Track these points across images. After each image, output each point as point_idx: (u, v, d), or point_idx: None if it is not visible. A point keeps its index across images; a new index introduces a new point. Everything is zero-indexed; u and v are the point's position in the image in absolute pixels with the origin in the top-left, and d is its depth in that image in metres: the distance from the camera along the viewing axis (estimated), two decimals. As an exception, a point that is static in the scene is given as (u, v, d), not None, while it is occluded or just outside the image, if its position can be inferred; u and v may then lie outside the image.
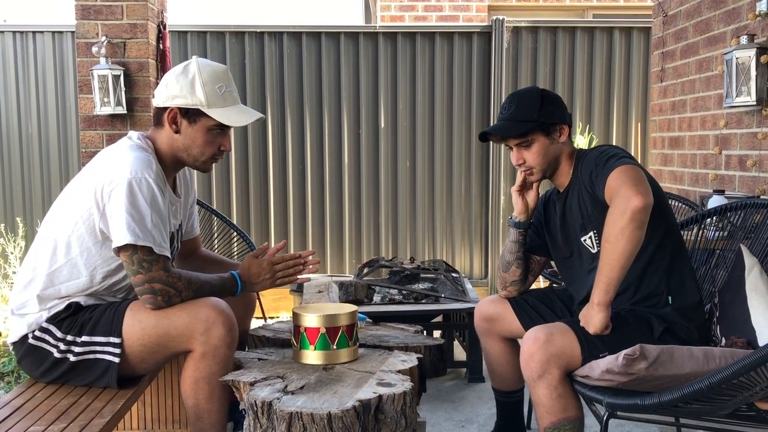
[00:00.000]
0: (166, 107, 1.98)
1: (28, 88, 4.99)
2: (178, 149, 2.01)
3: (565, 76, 5.09)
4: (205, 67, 1.98)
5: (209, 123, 1.98)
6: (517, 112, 2.11)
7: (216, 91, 1.96)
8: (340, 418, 1.51)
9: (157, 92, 2.01)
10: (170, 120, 1.98)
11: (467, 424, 2.84)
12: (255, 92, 4.96)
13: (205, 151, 2.02)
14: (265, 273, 2.11)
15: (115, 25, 3.35)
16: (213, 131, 2.00)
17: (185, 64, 1.99)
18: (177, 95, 1.96)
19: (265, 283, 2.12)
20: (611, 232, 1.84)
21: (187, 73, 1.97)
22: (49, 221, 1.98)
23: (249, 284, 2.11)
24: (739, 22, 3.34)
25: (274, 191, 5.04)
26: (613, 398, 1.78)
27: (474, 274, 5.19)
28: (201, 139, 1.99)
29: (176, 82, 1.96)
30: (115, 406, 1.80)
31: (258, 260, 2.12)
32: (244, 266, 2.12)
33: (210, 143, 2.01)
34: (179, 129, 1.99)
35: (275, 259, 2.13)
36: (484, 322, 2.38)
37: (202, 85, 1.95)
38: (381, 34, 5.01)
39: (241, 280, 2.07)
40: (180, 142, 2.00)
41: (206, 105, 1.95)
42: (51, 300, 1.94)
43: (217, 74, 1.99)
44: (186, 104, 1.96)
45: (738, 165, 3.37)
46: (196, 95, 1.95)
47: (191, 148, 2.00)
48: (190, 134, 1.99)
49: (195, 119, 1.97)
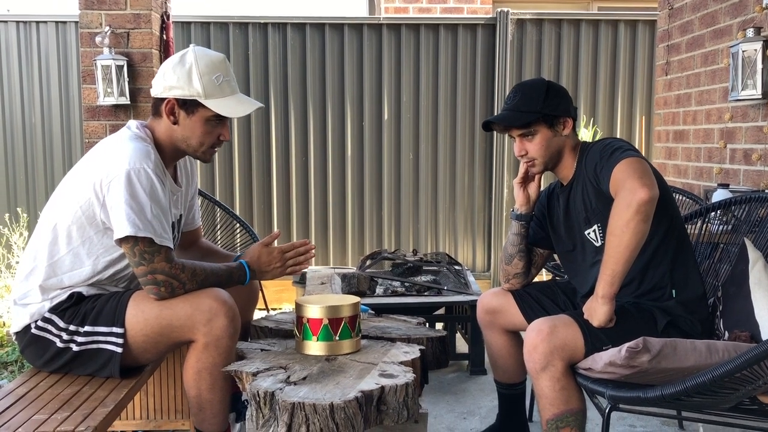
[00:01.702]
0: (164, 98, 1.96)
1: (31, 78, 4.99)
2: (176, 139, 2.00)
3: (569, 69, 5.07)
4: (202, 57, 1.95)
5: (207, 114, 1.96)
6: (521, 102, 2.10)
7: (213, 82, 1.94)
8: (343, 408, 1.51)
9: (154, 82, 1.99)
10: (168, 111, 1.96)
11: (469, 416, 2.84)
12: (258, 83, 4.95)
13: (204, 142, 2.00)
14: (276, 261, 2.10)
15: (119, 15, 3.34)
16: (211, 122, 1.98)
17: (182, 54, 1.97)
18: (174, 86, 1.94)
19: (276, 271, 2.11)
20: (616, 225, 1.83)
21: (183, 63, 1.94)
22: (49, 211, 1.98)
23: (259, 273, 2.10)
24: (746, 15, 3.32)
25: (277, 183, 5.04)
26: (616, 391, 1.78)
27: (477, 266, 5.19)
28: (199, 129, 1.98)
29: (173, 73, 1.94)
30: (117, 395, 1.80)
31: (268, 248, 2.11)
32: (254, 255, 2.10)
33: (208, 134, 2.00)
34: (177, 120, 1.97)
35: (285, 247, 2.12)
36: (486, 314, 2.38)
37: (199, 75, 1.92)
38: (385, 26, 5.00)
39: (250, 268, 2.06)
40: (178, 132, 1.99)
41: (203, 96, 1.93)
42: (53, 290, 1.94)
43: (214, 64, 1.96)
44: (183, 95, 1.94)
45: (743, 159, 3.35)
46: (193, 86, 1.93)
47: (190, 139, 1.99)
48: (189, 125, 1.97)
49: (193, 110, 1.96)
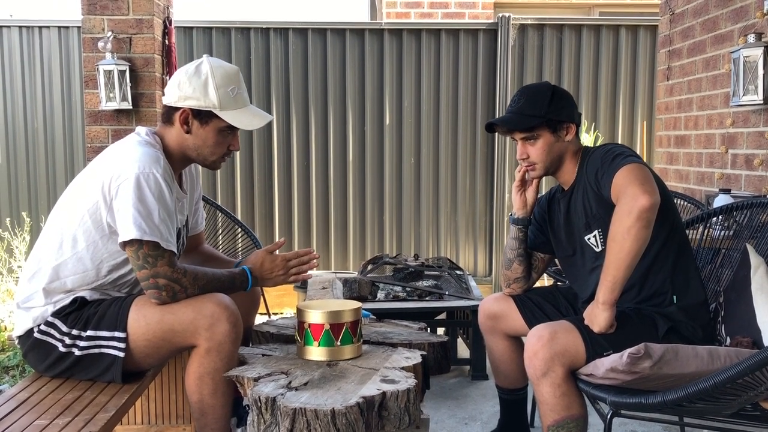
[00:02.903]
0: (178, 107, 1.99)
1: (34, 83, 5.00)
2: (187, 148, 2.03)
3: (571, 74, 5.08)
4: (217, 69, 1.98)
5: (220, 124, 1.99)
6: (526, 105, 2.10)
7: (228, 94, 1.98)
8: (344, 414, 1.51)
9: (167, 90, 2.01)
10: (182, 120, 1.99)
11: (470, 421, 2.84)
12: (260, 88, 4.96)
13: (216, 151, 2.04)
14: (279, 269, 2.12)
15: (121, 21, 3.35)
16: (224, 132, 2.02)
17: (197, 64, 2.00)
18: (190, 96, 1.96)
19: (278, 279, 2.13)
20: (618, 231, 1.83)
21: (199, 74, 1.97)
22: (55, 215, 1.99)
23: (261, 279, 2.11)
24: (747, 21, 3.32)
25: (278, 187, 5.04)
26: (618, 397, 1.77)
27: (478, 271, 5.19)
28: (212, 139, 2.01)
29: (189, 83, 1.96)
30: (119, 400, 1.80)
31: (272, 255, 2.12)
32: (257, 261, 2.11)
33: (220, 144, 2.03)
34: (190, 129, 2.00)
35: (288, 255, 2.14)
36: (488, 319, 2.37)
37: (215, 87, 1.96)
38: (386, 31, 5.01)
39: (252, 275, 2.07)
40: (190, 141, 2.01)
41: (219, 107, 1.97)
42: (56, 294, 1.94)
43: (229, 76, 2.00)
44: (199, 106, 1.97)
45: (744, 164, 3.35)
46: (209, 97, 1.96)
47: (201, 148, 2.02)
48: (201, 135, 2.00)
49: (207, 121, 1.99)
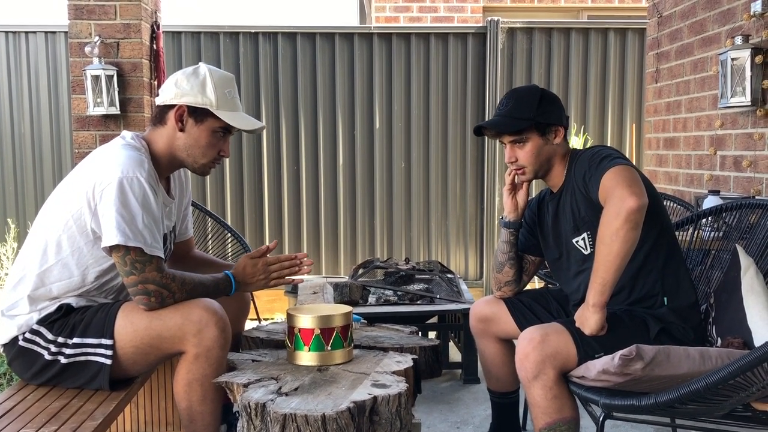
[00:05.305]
0: (173, 104, 1.99)
1: (20, 88, 4.97)
2: (178, 148, 2.01)
3: (560, 77, 5.09)
4: (215, 71, 2.02)
5: (215, 125, 2.00)
6: (514, 109, 2.10)
7: (225, 95, 2.00)
8: (335, 419, 1.49)
9: (163, 90, 2.02)
10: (177, 117, 1.99)
11: (462, 425, 2.83)
12: (249, 93, 4.94)
13: (206, 153, 2.03)
14: (260, 273, 2.10)
15: (108, 25, 3.34)
16: (217, 134, 2.02)
17: (194, 67, 2.03)
18: (187, 93, 1.97)
19: (260, 283, 2.11)
20: (606, 233, 1.83)
21: (197, 74, 2.00)
22: (40, 221, 1.97)
23: (243, 284, 2.10)
24: (734, 23, 3.34)
25: (268, 192, 5.03)
26: (609, 399, 1.77)
27: (469, 275, 5.19)
28: (204, 140, 2.01)
29: (187, 81, 1.98)
30: (107, 408, 1.78)
31: (253, 260, 2.11)
32: (239, 266, 2.11)
33: (212, 146, 2.03)
34: (184, 127, 2.00)
35: (270, 259, 2.12)
36: (479, 322, 2.37)
37: (213, 86, 1.98)
38: (376, 35, 5.01)
39: (235, 280, 2.07)
40: (182, 141, 2.00)
41: (215, 106, 1.98)
42: (42, 301, 1.92)
43: (226, 79, 2.03)
44: (195, 103, 1.97)
45: (733, 165, 3.37)
46: (207, 95, 1.97)
47: (193, 148, 2.01)
48: (195, 134, 2.00)
49: (202, 119, 1.99)
